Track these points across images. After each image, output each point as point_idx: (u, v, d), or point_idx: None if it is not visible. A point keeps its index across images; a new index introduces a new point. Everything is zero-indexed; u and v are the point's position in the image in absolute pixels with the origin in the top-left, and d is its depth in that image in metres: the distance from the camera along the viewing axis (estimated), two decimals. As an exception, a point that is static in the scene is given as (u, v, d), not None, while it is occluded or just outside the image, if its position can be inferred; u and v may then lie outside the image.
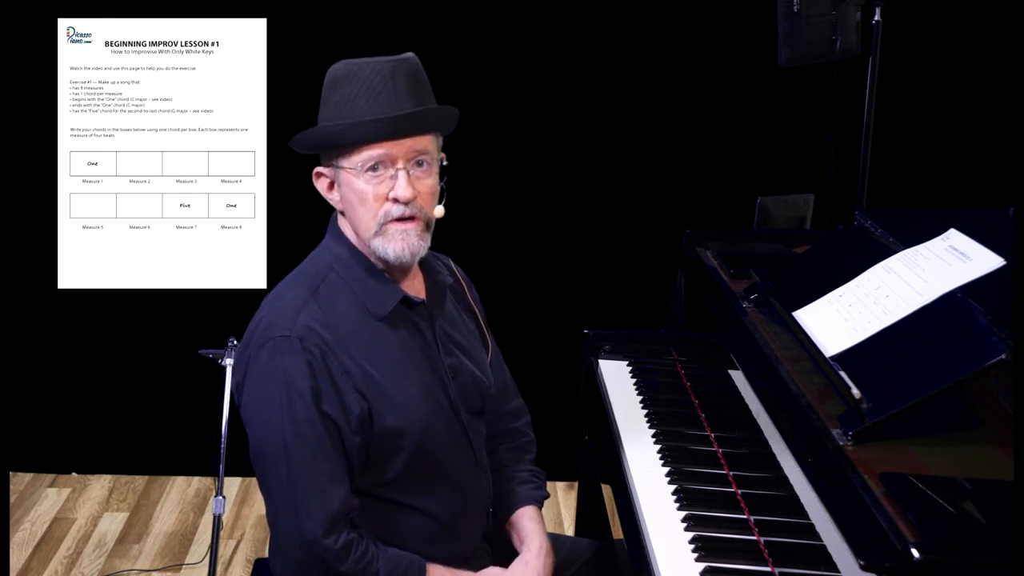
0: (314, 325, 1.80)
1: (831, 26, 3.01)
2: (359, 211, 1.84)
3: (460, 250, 2.20)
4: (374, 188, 1.81)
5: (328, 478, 1.77)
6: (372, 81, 1.79)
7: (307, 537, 1.76)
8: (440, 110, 1.87)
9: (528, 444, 2.18)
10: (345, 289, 1.87)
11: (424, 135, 1.83)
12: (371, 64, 1.81)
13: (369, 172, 1.81)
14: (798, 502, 1.80)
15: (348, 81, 1.81)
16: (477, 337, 2.07)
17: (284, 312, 1.82)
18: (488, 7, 3.55)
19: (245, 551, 3.40)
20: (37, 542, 3.43)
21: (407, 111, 1.80)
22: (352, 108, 1.80)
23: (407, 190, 1.80)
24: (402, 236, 1.82)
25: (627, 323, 3.17)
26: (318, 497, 1.76)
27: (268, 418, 1.79)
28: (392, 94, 1.79)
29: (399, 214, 1.82)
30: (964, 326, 1.64)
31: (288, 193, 3.35)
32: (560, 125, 3.65)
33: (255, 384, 1.82)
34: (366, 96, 1.79)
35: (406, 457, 1.85)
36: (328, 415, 1.78)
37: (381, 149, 1.80)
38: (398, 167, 1.81)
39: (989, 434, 1.65)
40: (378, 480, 1.86)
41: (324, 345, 1.79)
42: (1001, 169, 3.60)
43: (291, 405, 1.77)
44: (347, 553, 1.77)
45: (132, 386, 3.80)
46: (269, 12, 3.21)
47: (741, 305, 2.15)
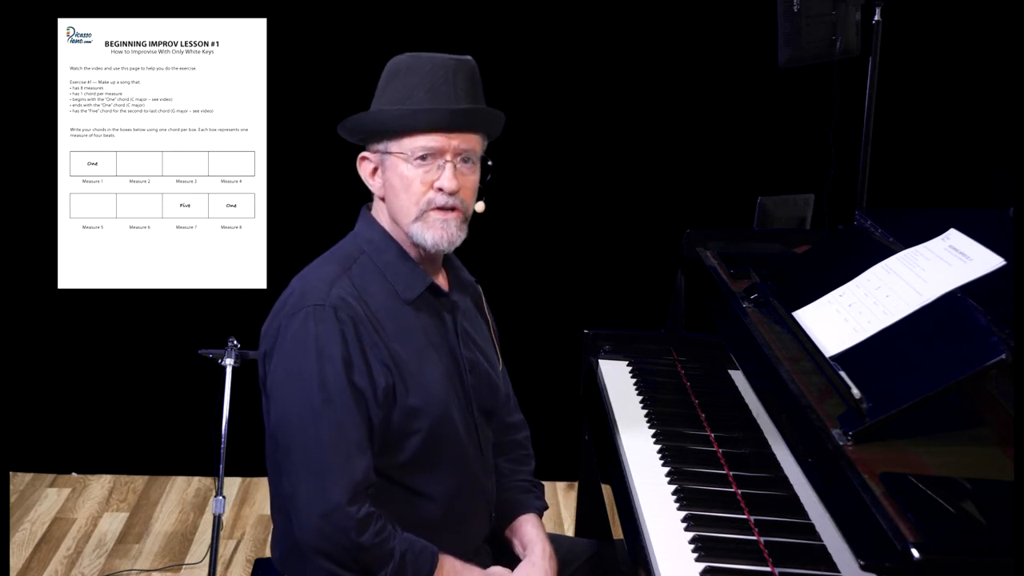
0: (348, 297, 1.85)
1: (831, 26, 3.01)
2: (402, 196, 1.89)
3: (460, 250, 2.20)
4: (422, 175, 1.87)
5: (354, 446, 1.80)
6: (434, 75, 1.87)
7: (331, 503, 1.77)
8: (493, 112, 1.95)
9: (527, 457, 2.21)
10: (375, 271, 1.92)
11: (475, 133, 1.91)
12: (434, 59, 1.88)
13: (418, 160, 1.87)
14: (798, 502, 1.80)
15: (410, 72, 1.88)
16: (491, 341, 2.12)
17: (318, 284, 1.87)
18: (489, 8, 3.55)
19: (245, 551, 3.40)
20: (37, 542, 3.43)
21: (464, 107, 1.87)
22: (412, 97, 1.87)
23: (453, 181, 1.86)
24: (442, 224, 1.88)
25: (627, 323, 3.16)
26: (344, 463, 1.79)
27: (298, 384, 1.82)
28: (452, 88, 1.87)
29: (442, 203, 1.87)
30: (964, 326, 1.64)
31: (288, 193, 3.35)
32: (560, 125, 3.65)
33: (286, 350, 1.84)
34: (426, 88, 1.86)
35: (421, 439, 1.88)
36: (356, 385, 1.81)
37: (434, 140, 1.86)
38: (446, 159, 1.87)
39: (989, 434, 1.64)
40: (392, 462, 1.88)
41: (356, 316, 1.84)
42: (995, 170, 3.60)
43: (322, 371, 1.80)
44: (367, 525, 1.78)
45: (132, 386, 3.80)
46: (269, 12, 3.21)
47: (741, 305, 2.14)
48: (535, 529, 2.07)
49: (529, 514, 2.10)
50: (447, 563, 1.88)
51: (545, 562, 1.99)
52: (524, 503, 2.11)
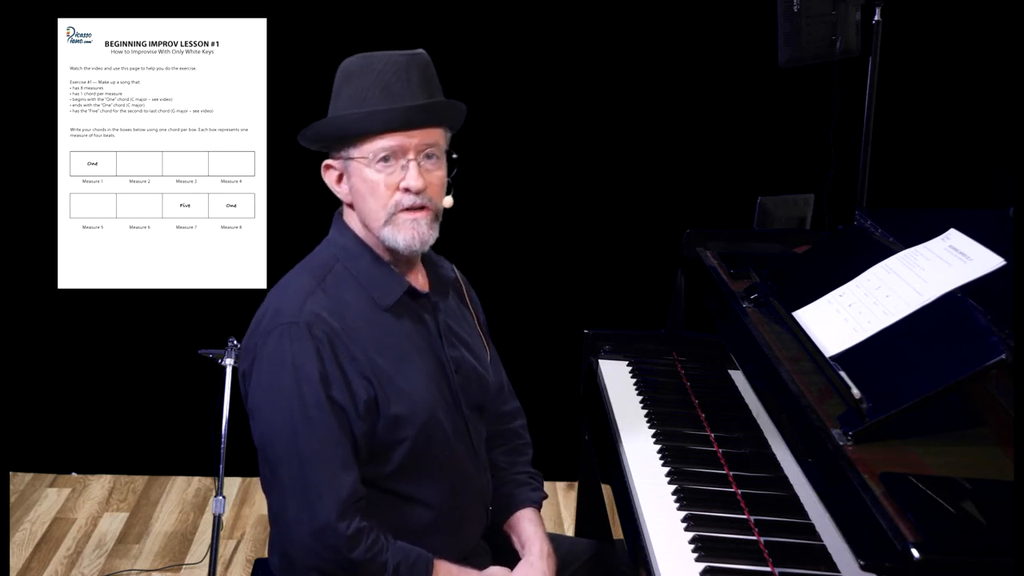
0: (321, 312, 1.82)
1: (831, 26, 3.01)
2: (369, 201, 1.86)
3: (460, 250, 2.20)
4: (385, 178, 1.84)
5: (339, 463, 1.79)
6: (386, 73, 1.83)
7: (319, 522, 1.76)
8: (450, 104, 1.90)
9: (524, 447, 2.19)
10: (351, 279, 1.89)
11: (435, 127, 1.87)
12: (385, 57, 1.85)
13: (380, 163, 1.84)
14: (798, 502, 1.80)
15: (362, 73, 1.84)
16: (478, 333, 2.09)
17: (291, 299, 1.85)
18: (489, 7, 3.55)
19: (245, 551, 3.40)
20: (37, 542, 3.43)
21: (420, 102, 1.83)
22: (366, 99, 1.83)
23: (418, 180, 1.83)
24: (412, 225, 1.85)
25: (627, 323, 3.16)
26: (329, 481, 1.77)
27: (277, 404, 1.80)
28: (406, 85, 1.83)
29: (410, 203, 1.84)
30: (964, 326, 1.64)
31: (288, 193, 3.35)
32: (560, 125, 3.65)
33: (263, 371, 1.83)
34: (379, 87, 1.82)
35: (409, 446, 1.86)
36: (336, 400, 1.80)
37: (393, 140, 1.83)
38: (409, 158, 1.84)
39: (989, 434, 1.65)
40: (380, 471, 1.86)
41: (331, 332, 1.81)
42: (995, 170, 3.60)
43: (300, 390, 1.78)
44: (358, 540, 1.77)
45: (132, 386, 3.80)
46: (269, 12, 3.21)
47: (741, 305, 2.14)
48: (532, 526, 2.05)
49: (526, 509, 2.08)
50: (442, 569, 1.87)
51: (543, 562, 1.97)
52: (521, 497, 2.09)
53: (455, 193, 1.93)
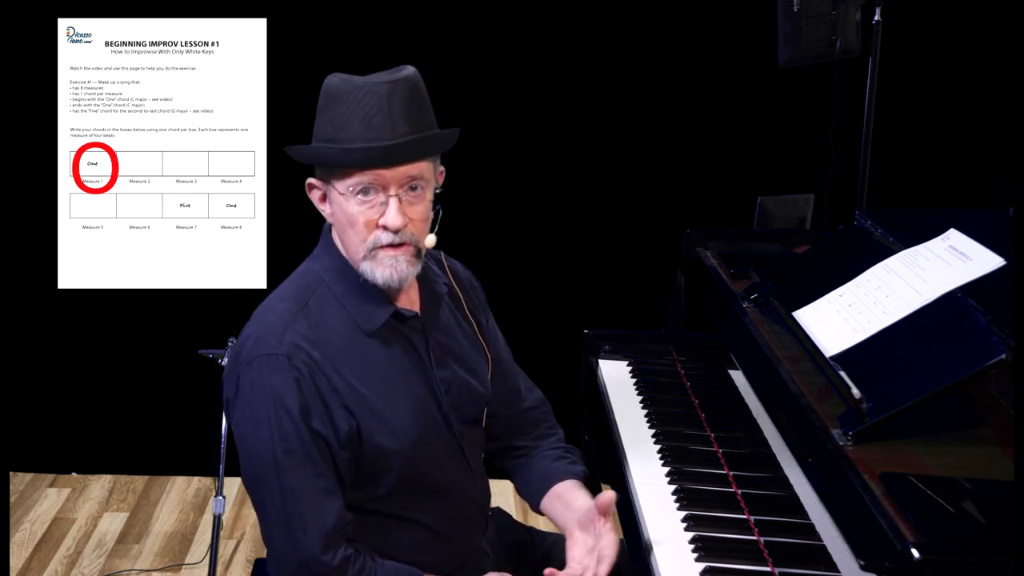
0: (301, 343, 1.77)
1: (831, 26, 3.01)
2: (348, 233, 1.79)
3: (460, 250, 2.20)
4: (364, 213, 1.76)
5: (322, 494, 1.76)
6: (366, 102, 1.73)
7: (304, 554, 1.74)
8: (436, 136, 1.80)
9: (551, 429, 2.13)
10: (335, 303, 1.83)
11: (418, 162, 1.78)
12: (366, 85, 1.74)
13: (360, 195, 1.76)
14: (798, 502, 1.80)
15: (342, 99, 1.75)
16: (475, 344, 2.02)
17: (272, 328, 1.79)
18: (489, 7, 3.55)
19: (245, 551, 3.40)
20: (37, 542, 3.43)
21: (401, 139, 1.73)
22: (345, 129, 1.74)
23: (397, 218, 1.74)
24: (392, 263, 1.77)
25: (627, 323, 3.16)
26: (312, 513, 1.75)
27: (258, 436, 1.76)
28: (387, 118, 1.72)
29: (389, 241, 1.76)
30: (964, 326, 1.64)
31: (288, 193, 3.33)
32: (560, 125, 3.65)
33: (244, 401, 1.79)
34: (360, 118, 1.73)
35: (397, 474, 1.83)
36: (317, 431, 1.76)
37: (373, 176, 1.74)
38: (390, 193, 1.75)
39: (989, 434, 1.65)
40: (369, 495, 1.84)
41: (312, 363, 1.77)
42: (995, 170, 3.60)
43: (279, 422, 1.75)
44: (344, 570, 1.75)
45: (132, 386, 3.80)
46: (269, 12, 3.21)
47: (741, 305, 2.14)
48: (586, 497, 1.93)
49: (569, 481, 1.98)
50: None
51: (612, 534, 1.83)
52: (560, 469, 1.99)
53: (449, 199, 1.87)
